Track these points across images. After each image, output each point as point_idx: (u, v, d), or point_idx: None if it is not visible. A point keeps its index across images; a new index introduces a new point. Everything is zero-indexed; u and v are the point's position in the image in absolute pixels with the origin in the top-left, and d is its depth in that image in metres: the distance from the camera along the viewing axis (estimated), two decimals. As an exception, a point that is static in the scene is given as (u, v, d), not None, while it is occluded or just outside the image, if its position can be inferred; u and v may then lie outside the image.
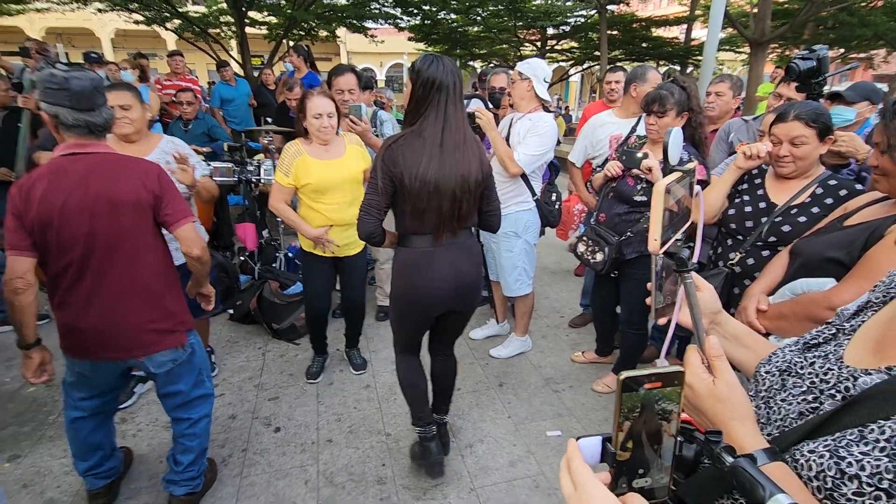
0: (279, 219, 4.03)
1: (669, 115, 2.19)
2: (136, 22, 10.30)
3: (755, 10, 9.31)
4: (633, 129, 2.90)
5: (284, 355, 3.05)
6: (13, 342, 1.63)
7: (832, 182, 1.71)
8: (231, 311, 3.41)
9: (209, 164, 3.46)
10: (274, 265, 3.81)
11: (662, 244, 0.65)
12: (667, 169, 0.69)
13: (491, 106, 3.43)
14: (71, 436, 1.81)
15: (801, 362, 0.67)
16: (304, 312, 3.23)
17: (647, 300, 0.87)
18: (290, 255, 3.90)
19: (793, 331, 1.33)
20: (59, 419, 2.35)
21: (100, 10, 9.59)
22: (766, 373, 0.72)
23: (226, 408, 2.53)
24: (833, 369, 0.62)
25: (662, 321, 0.90)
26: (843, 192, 1.67)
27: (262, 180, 3.85)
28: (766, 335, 1.42)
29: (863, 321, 0.66)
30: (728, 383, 0.64)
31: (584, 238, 2.48)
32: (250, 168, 3.79)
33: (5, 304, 1.56)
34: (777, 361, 0.71)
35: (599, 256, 2.40)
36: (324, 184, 2.37)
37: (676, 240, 0.69)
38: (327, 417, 2.47)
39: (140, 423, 2.40)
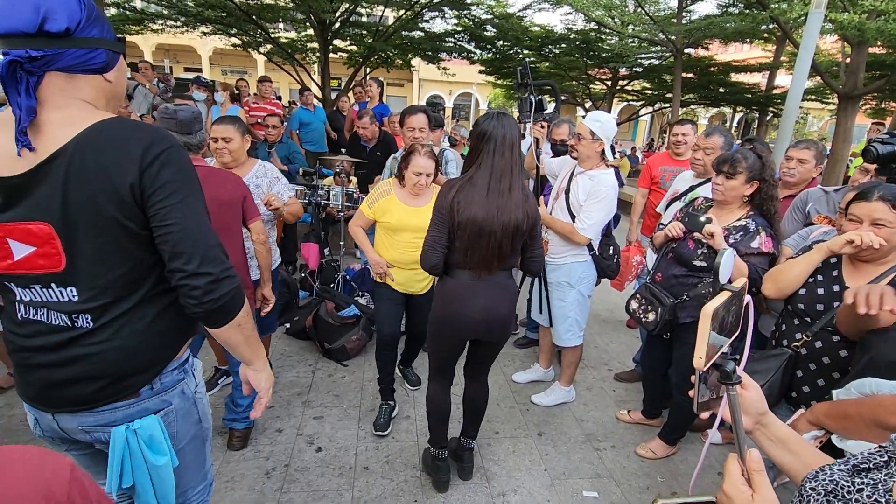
0: (342, 242, 4.27)
1: (738, 179, 2.11)
2: (234, 45, 11.32)
3: (848, 60, 8.75)
4: (691, 189, 2.83)
5: (332, 375, 3.18)
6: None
7: (916, 273, 1.60)
8: (288, 325, 3.61)
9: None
10: (332, 286, 3.99)
11: (709, 359, 0.67)
12: (716, 288, 0.72)
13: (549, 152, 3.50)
14: None
15: (849, 486, 0.65)
16: (355, 335, 3.37)
17: (690, 392, 0.88)
18: (347, 277, 4.07)
19: (857, 433, 1.25)
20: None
21: (205, 34, 10.66)
22: (812, 489, 0.70)
23: (274, 420, 2.67)
24: (881, 502, 0.60)
25: (705, 416, 0.90)
26: (927, 285, 1.56)
27: (331, 204, 4.09)
28: (828, 433, 1.35)
29: None
30: (766, 500, 0.64)
31: (638, 296, 2.44)
32: (321, 192, 4.04)
33: None
34: (824, 480, 0.70)
35: (651, 316, 2.35)
36: (400, 225, 2.47)
37: (723, 353, 0.70)
38: (366, 444, 2.54)
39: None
